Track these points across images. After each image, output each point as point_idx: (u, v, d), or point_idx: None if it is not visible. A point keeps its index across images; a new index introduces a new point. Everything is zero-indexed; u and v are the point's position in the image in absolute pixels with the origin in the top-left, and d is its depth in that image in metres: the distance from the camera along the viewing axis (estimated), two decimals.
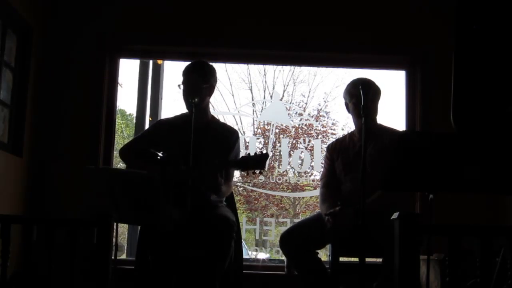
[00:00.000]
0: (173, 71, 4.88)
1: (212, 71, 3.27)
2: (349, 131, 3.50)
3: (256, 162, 2.91)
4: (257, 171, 2.92)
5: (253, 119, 6.64)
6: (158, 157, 3.24)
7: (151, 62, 4.87)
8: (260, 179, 5.31)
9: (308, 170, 5.48)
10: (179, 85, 3.19)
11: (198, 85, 3.15)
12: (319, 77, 8.62)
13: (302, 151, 5.39)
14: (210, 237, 2.89)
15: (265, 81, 8.12)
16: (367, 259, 2.52)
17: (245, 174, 3.03)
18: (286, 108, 6.21)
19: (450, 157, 2.27)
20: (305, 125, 6.25)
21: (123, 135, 10.04)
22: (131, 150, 3.26)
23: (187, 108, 3.14)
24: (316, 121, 6.73)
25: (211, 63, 3.33)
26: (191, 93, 3.09)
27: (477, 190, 2.45)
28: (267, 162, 2.98)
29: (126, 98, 11.77)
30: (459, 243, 2.28)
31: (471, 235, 2.35)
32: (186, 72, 3.22)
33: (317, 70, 8.03)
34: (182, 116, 3.33)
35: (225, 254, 2.90)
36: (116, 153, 4.34)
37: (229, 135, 3.28)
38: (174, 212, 2.87)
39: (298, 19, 4.10)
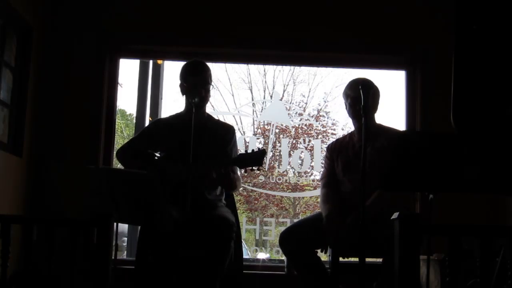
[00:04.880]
0: (173, 71, 4.87)
1: (210, 70, 3.27)
2: (349, 131, 3.50)
3: (253, 159, 2.91)
4: (255, 168, 2.92)
5: (253, 119, 6.65)
6: (155, 158, 3.24)
7: (151, 62, 4.87)
8: (260, 179, 5.31)
9: (308, 170, 5.49)
10: (183, 85, 3.18)
11: (205, 86, 3.16)
12: (319, 77, 8.60)
13: (302, 151, 5.40)
14: (210, 237, 2.88)
15: (265, 81, 8.12)
16: (367, 259, 2.51)
17: (244, 172, 3.03)
18: (286, 108, 6.21)
19: (450, 157, 2.27)
20: (305, 125, 6.25)
21: (123, 135, 10.05)
22: (128, 152, 3.26)
23: (193, 107, 3.08)
24: (316, 121, 6.73)
25: (207, 63, 3.30)
26: (199, 94, 3.08)
27: (477, 190, 2.45)
28: (265, 158, 2.97)
29: (126, 98, 11.78)
30: (459, 243, 2.28)
31: (471, 235, 2.35)
32: (191, 74, 3.18)
33: (317, 70, 8.02)
34: (177, 115, 3.33)
35: (225, 255, 2.90)
36: None
37: (226, 133, 3.29)
38: (173, 212, 2.88)
39: (298, 19, 4.10)
